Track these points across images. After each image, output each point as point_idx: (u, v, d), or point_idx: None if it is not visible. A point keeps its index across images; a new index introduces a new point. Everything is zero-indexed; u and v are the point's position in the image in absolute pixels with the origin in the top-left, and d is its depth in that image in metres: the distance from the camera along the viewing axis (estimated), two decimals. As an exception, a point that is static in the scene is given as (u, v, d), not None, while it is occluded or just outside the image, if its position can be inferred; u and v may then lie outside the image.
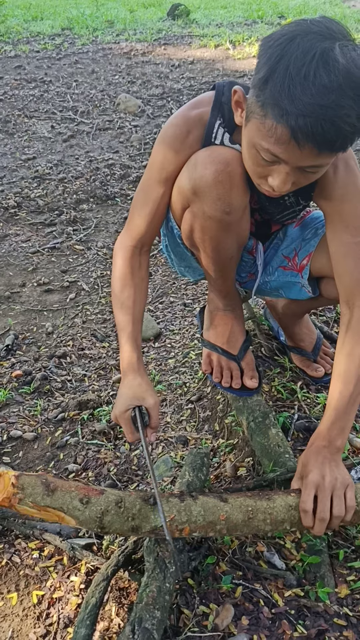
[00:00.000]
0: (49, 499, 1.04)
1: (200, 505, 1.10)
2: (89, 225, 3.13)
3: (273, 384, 1.74)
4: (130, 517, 1.08)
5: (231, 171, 1.25)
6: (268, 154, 1.07)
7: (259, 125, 1.05)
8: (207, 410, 1.78)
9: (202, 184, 1.26)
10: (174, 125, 1.31)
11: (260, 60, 1.03)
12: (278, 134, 1.01)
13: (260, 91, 1.02)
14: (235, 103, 1.18)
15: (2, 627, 1.18)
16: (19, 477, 1.04)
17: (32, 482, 1.04)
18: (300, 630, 1.12)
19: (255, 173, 1.16)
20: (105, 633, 1.13)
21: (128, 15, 9.33)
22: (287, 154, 1.04)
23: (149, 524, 1.08)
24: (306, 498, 1.14)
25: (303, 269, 1.51)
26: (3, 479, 1.03)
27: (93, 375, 2.02)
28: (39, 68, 6.29)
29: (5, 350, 2.14)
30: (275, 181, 1.11)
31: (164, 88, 5.47)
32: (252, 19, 8.92)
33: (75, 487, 1.07)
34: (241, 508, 1.11)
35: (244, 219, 1.38)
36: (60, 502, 1.04)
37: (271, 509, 1.13)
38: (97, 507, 1.06)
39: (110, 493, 1.09)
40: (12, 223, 3.15)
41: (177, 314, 2.35)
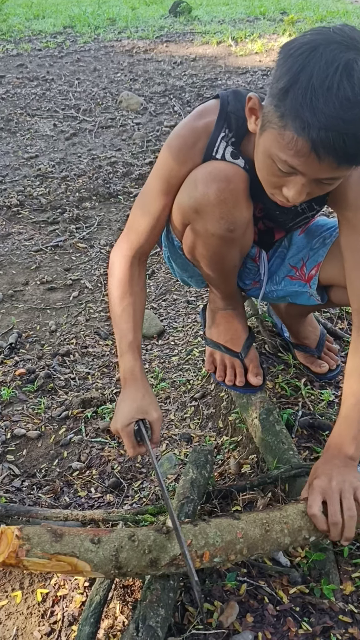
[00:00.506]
0: (58, 545, 0.96)
1: (215, 526, 1.06)
2: (92, 223, 3.12)
3: (277, 380, 1.73)
4: (146, 549, 1.02)
5: (233, 189, 1.23)
6: (285, 166, 1.04)
7: (277, 136, 1.02)
8: (211, 407, 1.77)
9: (204, 203, 1.24)
10: (181, 137, 1.29)
11: (279, 68, 1.00)
12: (298, 147, 0.99)
13: (280, 101, 0.99)
14: (249, 110, 1.14)
15: (7, 626, 1.18)
16: (22, 529, 0.96)
17: (37, 531, 0.97)
18: (305, 627, 1.11)
19: (270, 183, 1.14)
20: (109, 631, 1.13)
21: (130, 13, 9.31)
22: (306, 167, 1.02)
23: (167, 554, 1.03)
24: (311, 502, 1.12)
25: (312, 279, 1.48)
26: (5, 535, 0.96)
27: (97, 373, 2.02)
28: (41, 66, 6.29)
29: (9, 348, 2.14)
30: (290, 192, 1.09)
31: (166, 85, 5.46)
32: (254, 16, 8.89)
33: (83, 530, 1.02)
34: (256, 522, 1.08)
35: (248, 232, 1.36)
36: (71, 547, 0.97)
37: (285, 517, 1.10)
38: (110, 545, 1.00)
39: (120, 530, 1.04)
40: (15, 221, 3.15)
41: (180, 311, 2.35)
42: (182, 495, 1.24)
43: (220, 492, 1.37)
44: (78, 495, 1.53)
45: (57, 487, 1.55)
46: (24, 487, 1.55)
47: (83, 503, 1.50)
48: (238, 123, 1.25)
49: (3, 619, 1.19)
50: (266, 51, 6.57)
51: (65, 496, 1.52)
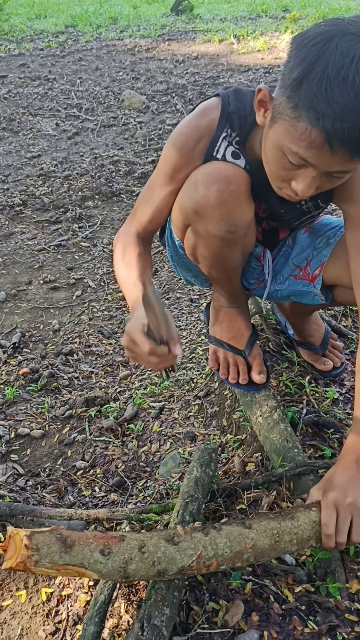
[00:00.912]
0: (67, 556, 0.94)
1: (225, 536, 1.04)
2: (95, 222, 3.12)
3: (281, 378, 1.73)
4: (155, 561, 1.00)
5: (234, 190, 1.22)
6: (296, 158, 1.03)
7: (288, 127, 1.01)
8: (215, 405, 1.77)
9: (205, 205, 1.23)
10: (184, 135, 1.28)
11: (292, 59, 0.99)
12: (311, 138, 0.98)
13: (293, 92, 0.98)
14: (258, 102, 1.13)
15: (12, 625, 1.18)
16: (32, 537, 0.93)
17: (46, 540, 0.94)
18: (311, 626, 1.11)
19: (278, 176, 1.12)
20: (114, 630, 1.12)
21: (131, 12, 9.31)
22: (318, 159, 1.01)
23: (176, 565, 1.01)
24: (328, 520, 1.09)
25: (315, 278, 1.48)
26: (14, 540, 0.94)
27: (100, 372, 2.01)
28: (43, 66, 6.29)
29: (12, 348, 2.14)
30: (299, 185, 1.08)
31: (168, 84, 5.45)
32: (256, 13, 8.88)
33: (93, 538, 0.99)
34: (266, 532, 1.06)
35: (250, 233, 1.35)
36: (80, 558, 0.95)
37: (296, 528, 1.08)
38: (120, 557, 0.98)
39: (130, 538, 1.02)
40: (18, 221, 3.15)
41: (183, 309, 2.34)
42: (186, 493, 1.23)
43: (225, 490, 1.36)
44: (82, 494, 1.53)
45: (61, 486, 1.54)
46: (28, 487, 1.55)
47: (87, 502, 1.50)
48: (241, 122, 1.24)
49: (8, 618, 1.19)
50: (268, 49, 6.56)
51: (69, 495, 1.52)
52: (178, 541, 1.03)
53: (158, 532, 1.06)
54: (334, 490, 1.12)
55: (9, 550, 0.94)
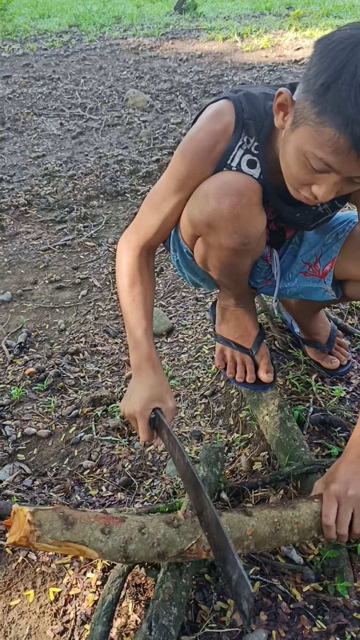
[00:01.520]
0: (68, 533, 0.98)
1: (225, 522, 1.05)
2: (100, 221, 3.12)
3: (287, 377, 1.72)
4: (155, 542, 1.02)
5: (247, 202, 1.20)
6: (320, 163, 1.02)
7: (313, 132, 1.00)
8: (221, 404, 1.77)
9: (217, 218, 1.22)
10: (198, 140, 1.23)
11: (318, 63, 0.97)
12: (338, 144, 0.97)
13: (319, 97, 0.97)
14: (278, 105, 1.10)
15: (20, 625, 1.18)
16: (35, 513, 0.97)
17: (49, 517, 0.98)
18: (320, 625, 1.10)
19: (297, 180, 1.11)
20: (122, 629, 1.12)
21: (135, 11, 9.31)
22: (343, 165, 1.00)
23: (175, 547, 1.03)
24: (327, 511, 1.10)
25: (326, 275, 1.47)
26: (18, 516, 0.97)
27: (106, 371, 2.01)
28: (46, 66, 6.29)
29: (19, 347, 2.14)
30: (320, 190, 1.07)
31: (172, 82, 5.44)
32: (259, 11, 8.86)
33: (94, 518, 1.02)
34: (267, 520, 1.07)
35: (261, 241, 1.35)
36: (81, 535, 0.99)
37: (297, 517, 1.10)
38: (120, 536, 1.01)
39: (131, 520, 1.04)
40: (23, 221, 3.15)
41: (189, 308, 2.34)
42: (193, 493, 1.23)
43: (232, 489, 1.36)
44: (89, 493, 1.53)
45: (68, 485, 1.54)
46: (35, 486, 1.55)
47: (94, 502, 1.50)
48: (257, 127, 1.21)
49: (16, 618, 1.19)
50: (272, 46, 6.54)
51: (76, 495, 1.52)
52: (178, 524, 1.05)
53: (159, 515, 1.08)
54: (336, 482, 1.14)
55: (12, 525, 0.98)
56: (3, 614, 1.20)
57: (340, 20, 7.59)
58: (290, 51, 6.30)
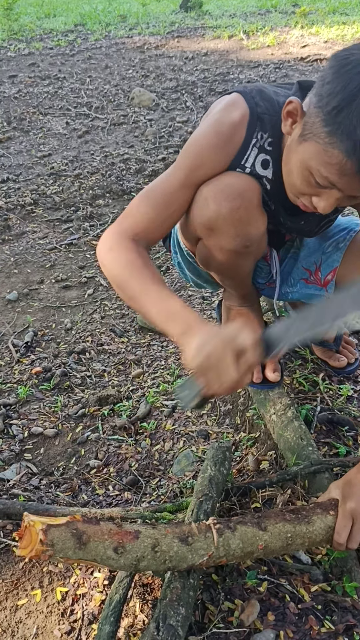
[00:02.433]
0: (81, 552, 0.95)
1: (239, 537, 1.05)
2: (106, 220, 3.12)
3: (294, 376, 1.71)
4: (167, 560, 1.01)
5: (248, 205, 1.20)
6: (325, 181, 1.04)
7: (321, 150, 1.00)
8: (228, 403, 1.76)
9: (219, 222, 1.21)
10: (216, 130, 1.18)
11: (332, 82, 0.97)
12: (346, 168, 0.98)
13: (331, 117, 0.97)
14: (287, 113, 1.10)
15: (27, 624, 1.18)
16: (47, 532, 0.93)
17: (61, 537, 0.94)
18: (328, 626, 1.10)
19: (299, 191, 1.12)
20: (129, 629, 1.12)
21: (141, 9, 9.30)
22: (346, 185, 1.02)
23: (186, 563, 1.03)
24: (341, 530, 1.10)
25: (328, 284, 1.46)
26: (30, 532, 0.94)
27: (112, 370, 2.01)
28: (52, 65, 6.30)
29: (25, 347, 2.14)
30: (321, 203, 1.08)
31: (178, 81, 5.43)
32: (265, 9, 8.83)
33: (108, 534, 0.99)
34: (280, 535, 1.07)
35: (262, 242, 1.34)
36: (94, 555, 0.96)
37: (310, 532, 1.09)
38: (133, 555, 0.99)
39: (145, 536, 1.01)
40: (29, 220, 3.16)
41: (195, 307, 2.33)
42: (200, 492, 1.23)
43: (240, 489, 1.35)
44: (96, 493, 1.52)
45: (74, 485, 1.54)
46: (42, 486, 1.55)
47: (101, 501, 1.50)
48: (272, 121, 1.18)
49: (23, 617, 1.19)
50: (278, 44, 6.52)
51: (83, 494, 1.52)
52: (192, 542, 1.03)
53: (173, 528, 1.05)
54: (353, 499, 1.12)
55: (24, 538, 0.95)
56: (10, 613, 1.20)
57: (347, 18, 7.56)
58: (296, 49, 6.28)
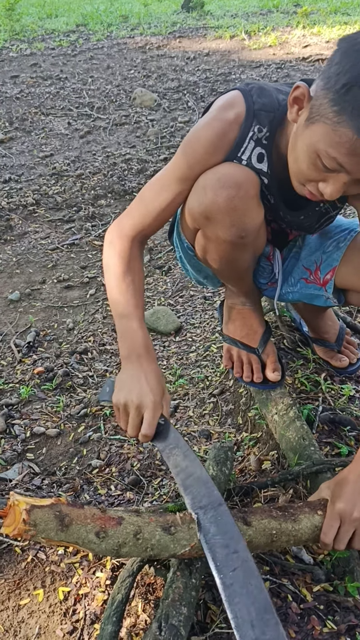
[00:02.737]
0: (63, 534, 0.97)
1: None
2: (108, 220, 3.12)
3: (296, 375, 1.71)
4: (148, 547, 1.02)
5: (244, 195, 1.19)
6: (333, 162, 1.02)
7: (330, 131, 0.99)
8: (230, 403, 1.76)
9: (214, 211, 1.21)
10: (210, 128, 1.21)
11: (340, 62, 0.97)
12: (355, 146, 0.96)
13: (340, 96, 0.96)
14: (294, 99, 1.09)
15: (29, 624, 1.18)
16: (31, 512, 0.96)
17: (44, 517, 0.96)
18: (330, 626, 1.10)
19: (305, 176, 1.10)
20: (131, 629, 1.12)
21: (142, 9, 9.30)
22: (355, 166, 1.00)
23: (168, 552, 1.03)
24: (327, 530, 1.08)
25: (327, 283, 1.46)
26: (14, 511, 0.97)
27: (114, 370, 2.01)
28: (54, 65, 6.30)
29: (27, 347, 2.14)
30: (328, 188, 1.06)
31: (179, 81, 5.44)
32: (267, 9, 8.83)
33: (91, 518, 1.01)
34: (265, 532, 1.06)
35: (260, 235, 1.33)
36: (75, 537, 0.98)
37: (296, 531, 1.08)
38: (114, 540, 1.00)
39: (128, 522, 1.03)
40: (31, 220, 3.16)
41: (197, 307, 2.34)
42: (202, 492, 1.23)
43: (242, 489, 1.35)
44: (98, 492, 1.53)
45: (77, 485, 1.54)
46: (44, 485, 1.56)
47: (103, 501, 1.50)
48: (269, 117, 1.19)
49: (25, 617, 1.19)
50: (280, 44, 6.52)
51: (85, 494, 1.52)
52: (174, 532, 1.03)
53: (157, 517, 1.06)
54: (342, 500, 1.10)
55: (8, 517, 0.97)
56: (13, 613, 1.20)
57: (349, 18, 7.55)
58: (298, 49, 6.28)
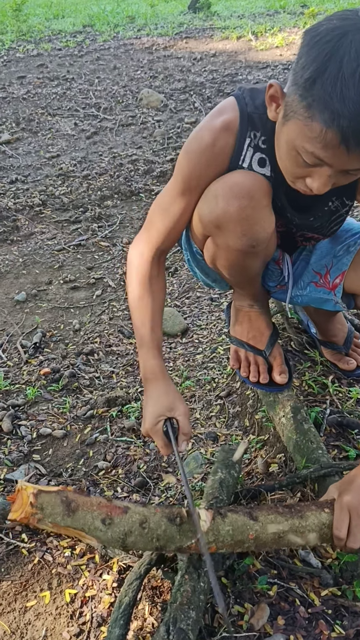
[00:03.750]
0: (69, 519, 0.98)
1: (229, 524, 1.05)
2: (114, 221, 3.12)
3: (304, 378, 1.71)
4: (154, 537, 1.03)
5: (255, 205, 1.19)
6: (311, 158, 1.01)
7: (302, 127, 0.98)
8: (237, 405, 1.76)
9: (226, 220, 1.21)
10: (198, 138, 1.23)
11: (304, 56, 0.96)
12: (327, 139, 0.95)
13: (306, 91, 0.95)
14: (269, 97, 1.09)
15: (36, 626, 1.17)
16: (38, 496, 0.97)
17: (51, 502, 0.98)
18: (338, 631, 1.09)
19: (292, 174, 1.10)
20: (138, 632, 1.12)
21: (149, 10, 9.30)
22: (334, 159, 0.98)
23: (175, 544, 1.04)
24: (339, 524, 1.08)
25: (336, 287, 1.45)
26: (21, 495, 0.98)
27: (121, 371, 2.01)
28: (61, 66, 6.31)
29: (34, 347, 2.14)
30: (315, 183, 1.05)
31: (186, 82, 5.43)
32: (274, 9, 8.82)
33: (97, 505, 1.01)
34: (271, 527, 1.06)
35: (271, 243, 1.33)
36: (82, 523, 0.99)
37: (303, 527, 1.08)
38: (120, 528, 1.01)
39: (134, 512, 1.03)
40: (38, 221, 3.16)
41: (204, 309, 2.33)
42: (211, 495, 1.22)
43: (249, 491, 1.35)
44: (104, 494, 1.52)
45: (83, 486, 1.54)
46: (50, 487, 1.55)
47: (110, 503, 1.49)
48: (262, 120, 1.20)
49: (32, 619, 1.19)
50: (287, 45, 6.51)
51: (91, 495, 1.51)
52: (180, 522, 1.04)
53: (163, 509, 1.07)
54: (350, 493, 1.10)
55: (16, 502, 0.98)
56: (19, 614, 1.20)
57: (355, 18, 7.53)
58: (304, 49, 6.26)
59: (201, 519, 1.05)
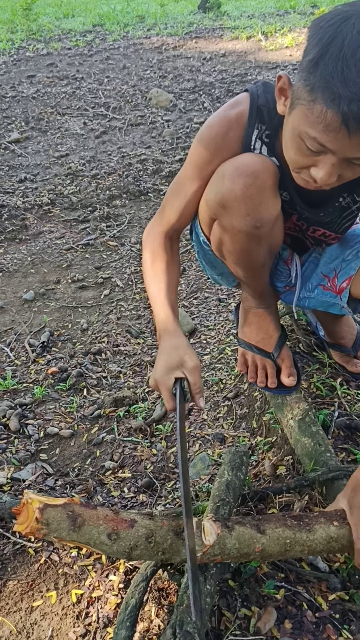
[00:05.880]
0: (75, 534, 0.97)
1: (236, 537, 1.03)
2: (122, 221, 3.12)
3: (312, 380, 1.70)
4: (160, 551, 1.02)
5: (260, 185, 1.19)
6: (314, 143, 1.01)
7: (306, 111, 0.98)
8: (245, 407, 1.75)
9: (231, 199, 1.22)
10: (211, 127, 1.28)
11: (310, 42, 0.97)
12: (328, 120, 0.95)
13: (310, 74, 0.95)
14: (279, 90, 1.10)
15: (42, 626, 1.17)
16: (44, 511, 0.95)
17: (57, 517, 0.96)
18: (346, 635, 1.08)
19: (297, 163, 1.10)
20: (145, 634, 1.11)
21: (159, 10, 9.30)
22: (335, 143, 0.98)
23: (179, 556, 1.03)
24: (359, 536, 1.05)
25: (342, 291, 1.45)
26: (27, 509, 0.97)
27: (128, 371, 2.01)
28: (70, 65, 6.31)
29: (41, 347, 2.14)
30: (319, 173, 1.05)
31: (195, 82, 5.43)
32: (284, 10, 8.79)
33: (103, 519, 1.00)
34: (279, 540, 1.04)
35: (276, 229, 1.33)
36: (87, 538, 0.98)
37: (310, 541, 1.06)
38: (126, 543, 1.00)
39: (140, 526, 1.02)
40: (46, 220, 3.16)
41: (212, 309, 2.32)
42: (217, 497, 1.22)
43: (257, 494, 1.34)
44: (111, 494, 1.52)
45: (90, 486, 1.54)
46: (57, 486, 1.55)
47: (116, 503, 1.49)
48: (270, 115, 1.22)
49: (38, 619, 1.19)
50: (297, 45, 6.48)
51: (98, 496, 1.51)
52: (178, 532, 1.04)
53: (170, 521, 1.06)
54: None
55: (22, 515, 0.98)
56: (25, 614, 1.20)
57: (366, 19, 7.50)
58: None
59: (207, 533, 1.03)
